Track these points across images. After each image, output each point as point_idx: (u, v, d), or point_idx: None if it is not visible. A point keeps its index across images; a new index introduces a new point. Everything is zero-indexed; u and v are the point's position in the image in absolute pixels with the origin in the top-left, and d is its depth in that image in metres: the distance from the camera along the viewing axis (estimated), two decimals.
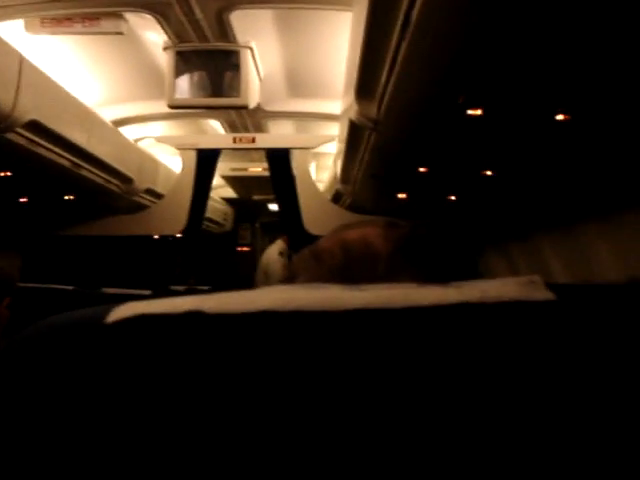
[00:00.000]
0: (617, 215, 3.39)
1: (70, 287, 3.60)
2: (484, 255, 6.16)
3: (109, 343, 0.45)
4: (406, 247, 0.66)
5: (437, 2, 1.60)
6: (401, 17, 1.77)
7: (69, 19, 3.48)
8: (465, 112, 2.40)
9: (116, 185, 5.10)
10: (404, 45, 1.84)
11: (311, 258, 0.70)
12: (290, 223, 6.10)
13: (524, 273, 4.96)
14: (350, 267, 0.64)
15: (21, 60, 3.27)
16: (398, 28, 1.85)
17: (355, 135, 3.28)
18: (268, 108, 5.24)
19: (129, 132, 5.60)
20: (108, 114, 5.09)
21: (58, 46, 3.98)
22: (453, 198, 4.56)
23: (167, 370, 0.44)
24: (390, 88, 2.25)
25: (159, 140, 6.04)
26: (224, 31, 3.61)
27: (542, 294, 0.46)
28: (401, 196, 4.61)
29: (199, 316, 0.45)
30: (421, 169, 3.57)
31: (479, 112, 2.38)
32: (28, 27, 3.54)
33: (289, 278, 0.72)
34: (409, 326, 0.45)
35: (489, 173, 3.59)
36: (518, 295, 0.46)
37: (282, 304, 0.45)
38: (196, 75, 3.81)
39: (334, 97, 4.54)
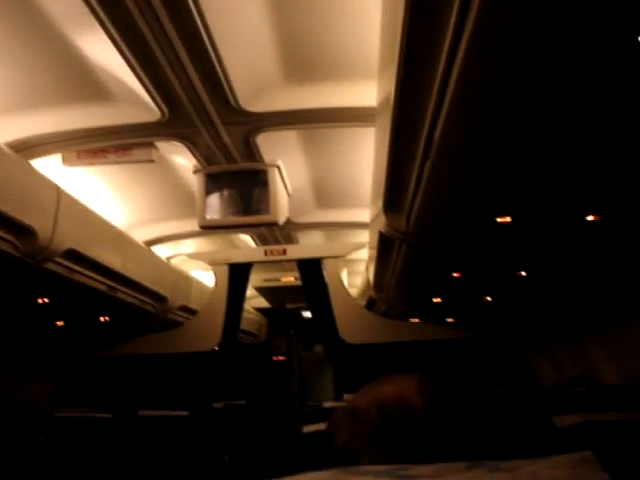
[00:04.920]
0: None
1: (107, 414, 3.55)
2: (527, 357, 6.00)
3: None
4: (443, 402, 0.64)
5: (458, 121, 1.63)
6: (424, 135, 1.80)
7: (103, 150, 3.63)
8: (494, 220, 2.40)
9: (151, 304, 5.14)
10: (429, 162, 1.87)
11: (349, 417, 0.69)
12: (325, 332, 6.05)
13: (570, 373, 4.80)
14: (388, 429, 0.63)
15: (58, 191, 3.39)
16: (422, 146, 1.88)
17: (385, 245, 3.29)
18: (297, 220, 5.31)
19: (162, 251, 5.71)
20: (141, 235, 5.21)
21: (92, 174, 4.13)
22: (489, 299, 4.49)
23: None
24: (418, 202, 2.27)
25: (191, 257, 6.13)
26: (251, 152, 3.72)
27: (597, 477, 0.44)
28: (436, 300, 4.57)
29: None
30: (454, 274, 3.55)
31: (508, 219, 2.38)
32: (65, 160, 3.69)
33: (329, 436, 0.70)
34: None
35: (524, 274, 3.55)
36: None
37: None
38: (226, 195, 3.90)
39: (361, 205, 4.61)
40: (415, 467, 0.47)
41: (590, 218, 2.41)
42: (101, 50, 2.66)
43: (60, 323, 5.00)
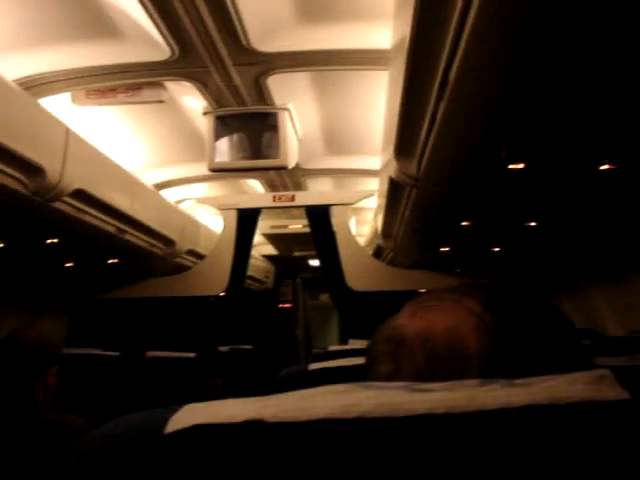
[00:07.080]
0: None
1: (115, 353, 3.61)
2: None
3: (169, 456, 0.43)
4: (504, 344, 0.57)
5: (475, 61, 1.59)
6: (439, 77, 1.77)
7: (113, 90, 3.60)
8: (507, 166, 2.38)
9: (159, 248, 5.16)
10: (443, 104, 1.84)
11: (391, 345, 0.63)
12: (332, 279, 6.08)
13: (576, 325, 4.82)
14: (434, 368, 0.58)
15: (67, 131, 3.37)
16: (436, 87, 1.85)
17: (395, 191, 3.27)
18: (307, 166, 5.28)
19: (171, 194, 5.71)
20: (150, 178, 5.20)
21: (102, 115, 4.10)
22: (497, 249, 4.49)
23: None
24: (430, 146, 2.24)
25: (200, 201, 6.13)
26: (262, 95, 3.67)
27: (614, 393, 0.43)
28: (444, 249, 4.57)
29: (259, 426, 0.43)
30: (464, 222, 3.54)
31: (521, 166, 2.35)
32: (74, 99, 3.66)
33: (368, 363, 0.66)
34: (475, 432, 0.42)
35: (533, 224, 3.54)
36: (589, 395, 0.42)
37: (343, 411, 0.43)
38: (235, 138, 3.87)
39: (372, 153, 4.57)
40: (428, 384, 0.47)
41: (604, 167, 2.38)
42: None
43: (70, 264, 5.03)
